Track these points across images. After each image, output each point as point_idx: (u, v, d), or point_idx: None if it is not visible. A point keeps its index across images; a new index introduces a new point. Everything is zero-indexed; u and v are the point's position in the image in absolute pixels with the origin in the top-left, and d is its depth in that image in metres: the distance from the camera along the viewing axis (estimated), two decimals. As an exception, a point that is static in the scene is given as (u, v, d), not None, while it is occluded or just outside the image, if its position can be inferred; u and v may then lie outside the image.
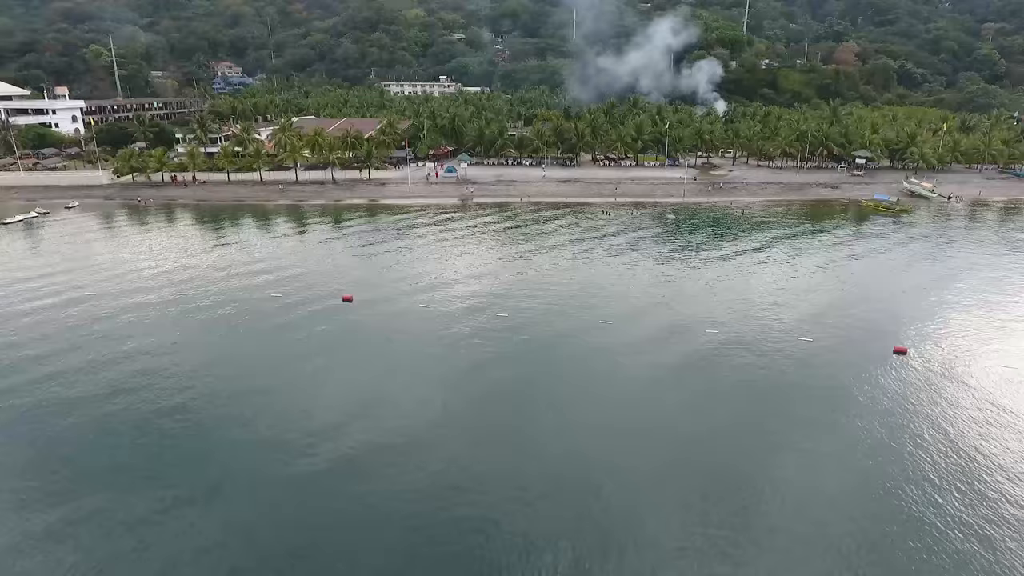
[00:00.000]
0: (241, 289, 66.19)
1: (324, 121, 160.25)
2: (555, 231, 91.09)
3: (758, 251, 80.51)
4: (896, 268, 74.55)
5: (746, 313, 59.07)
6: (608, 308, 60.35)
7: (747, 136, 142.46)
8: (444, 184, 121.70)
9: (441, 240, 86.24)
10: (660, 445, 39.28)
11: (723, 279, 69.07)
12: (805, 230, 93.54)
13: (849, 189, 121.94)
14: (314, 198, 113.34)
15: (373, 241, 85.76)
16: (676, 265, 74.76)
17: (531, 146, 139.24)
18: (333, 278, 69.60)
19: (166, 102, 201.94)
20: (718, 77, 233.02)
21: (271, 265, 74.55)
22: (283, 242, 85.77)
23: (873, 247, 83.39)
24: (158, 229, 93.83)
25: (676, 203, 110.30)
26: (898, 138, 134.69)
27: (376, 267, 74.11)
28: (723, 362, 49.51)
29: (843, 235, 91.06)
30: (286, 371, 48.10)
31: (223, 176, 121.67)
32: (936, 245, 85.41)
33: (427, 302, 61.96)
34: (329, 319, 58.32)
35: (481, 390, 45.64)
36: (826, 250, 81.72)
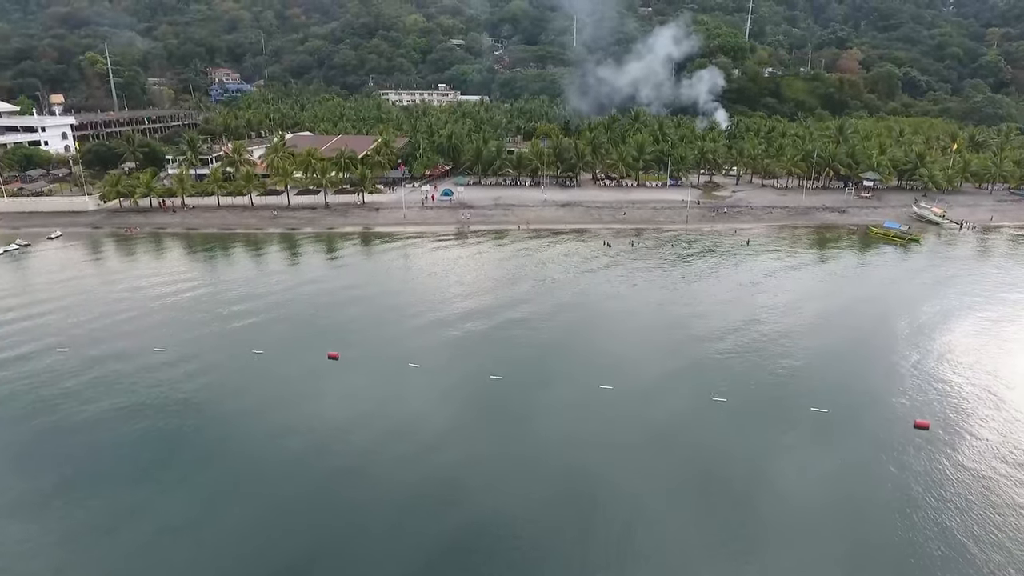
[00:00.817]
0: (222, 342, 62.81)
1: (319, 138, 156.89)
2: (552, 267, 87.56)
3: (763, 293, 76.85)
4: (913, 319, 69.35)
5: (754, 376, 55.61)
6: (609, 368, 56.96)
7: (751, 155, 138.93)
8: (440, 209, 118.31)
9: (434, 278, 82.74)
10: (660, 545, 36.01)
11: (728, 332, 65.15)
12: (812, 264, 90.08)
13: (857, 213, 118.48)
14: (306, 225, 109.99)
15: (364, 281, 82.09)
16: (674, 316, 70.96)
17: (530, 166, 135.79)
18: (320, 327, 66.31)
19: (159, 115, 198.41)
20: (720, 87, 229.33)
21: (256, 310, 71.12)
22: (271, 280, 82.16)
23: (885, 291, 78.75)
24: (141, 265, 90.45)
25: (678, 231, 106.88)
26: (906, 158, 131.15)
27: (365, 313, 70.58)
28: (732, 440, 46.15)
29: (852, 273, 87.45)
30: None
31: (213, 200, 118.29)
32: (954, 287, 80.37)
33: (415, 355, 58.57)
34: (313, 382, 54.96)
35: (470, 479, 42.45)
36: (836, 292, 77.93)
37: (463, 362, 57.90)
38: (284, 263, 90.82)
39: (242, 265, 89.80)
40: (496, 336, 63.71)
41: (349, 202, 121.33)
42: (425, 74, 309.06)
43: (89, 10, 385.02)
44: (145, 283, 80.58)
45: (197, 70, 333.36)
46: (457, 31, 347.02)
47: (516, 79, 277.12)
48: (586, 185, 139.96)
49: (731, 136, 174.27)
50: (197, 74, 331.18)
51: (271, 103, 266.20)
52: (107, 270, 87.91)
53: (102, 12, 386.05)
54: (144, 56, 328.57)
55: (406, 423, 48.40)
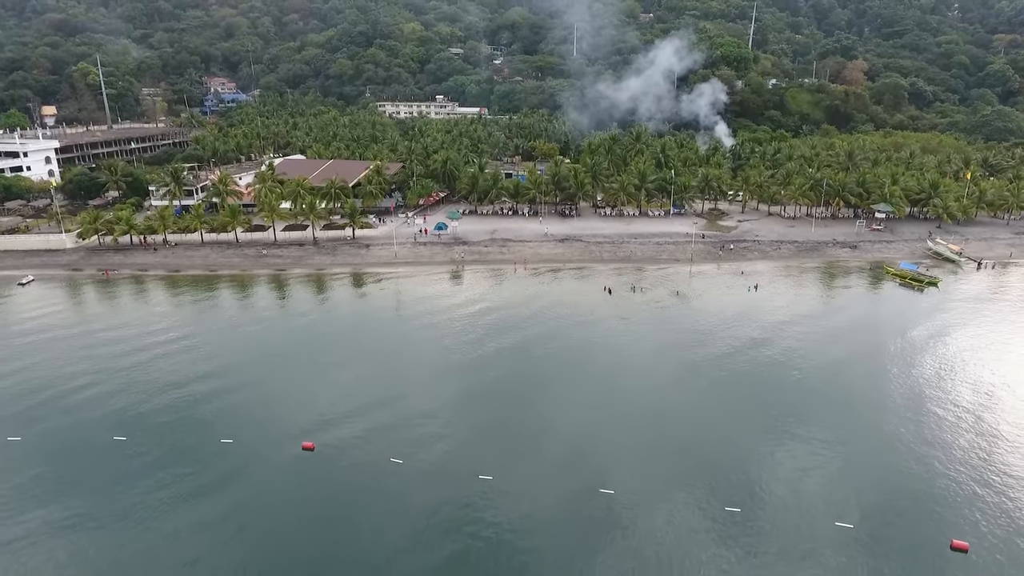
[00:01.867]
0: (190, 425, 57.80)
1: (310, 163, 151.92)
2: (548, 323, 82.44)
3: (772, 364, 71.42)
4: (944, 398, 62.89)
5: (770, 480, 50.47)
6: (608, 465, 51.94)
7: (757, 182, 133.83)
8: (433, 245, 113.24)
9: (421, 341, 77.50)
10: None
11: (737, 420, 59.91)
12: (824, 316, 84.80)
13: (869, 248, 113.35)
14: (293, 265, 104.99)
15: (345, 348, 76.26)
16: (675, 398, 65.95)
17: (527, 195, 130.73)
18: (297, 403, 61.30)
19: (149, 135, 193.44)
20: (722, 103, 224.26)
21: (230, 380, 66.05)
22: (249, 342, 76.79)
23: (911, 358, 72.51)
24: (113, 317, 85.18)
25: (682, 273, 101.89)
26: (919, 188, 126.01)
27: (344, 389, 64.69)
28: (748, 559, 41.15)
29: (870, 331, 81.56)
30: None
31: (197, 236, 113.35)
32: (985, 349, 74.36)
33: (398, 447, 53.56)
34: (282, 482, 49.98)
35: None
36: (855, 360, 72.09)
37: (449, 458, 52.74)
38: (265, 317, 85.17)
39: (221, 319, 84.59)
40: (486, 422, 58.33)
41: (338, 237, 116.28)
42: (423, 84, 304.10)
43: (85, 16, 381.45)
44: (114, 343, 75.62)
45: (192, 80, 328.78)
46: (455, 40, 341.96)
47: (515, 91, 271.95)
48: (586, 214, 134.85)
49: (736, 157, 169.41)
50: (192, 84, 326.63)
51: (265, 117, 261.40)
52: (75, 325, 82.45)
53: (97, 19, 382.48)
54: (138, 66, 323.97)
55: (381, 545, 43.40)
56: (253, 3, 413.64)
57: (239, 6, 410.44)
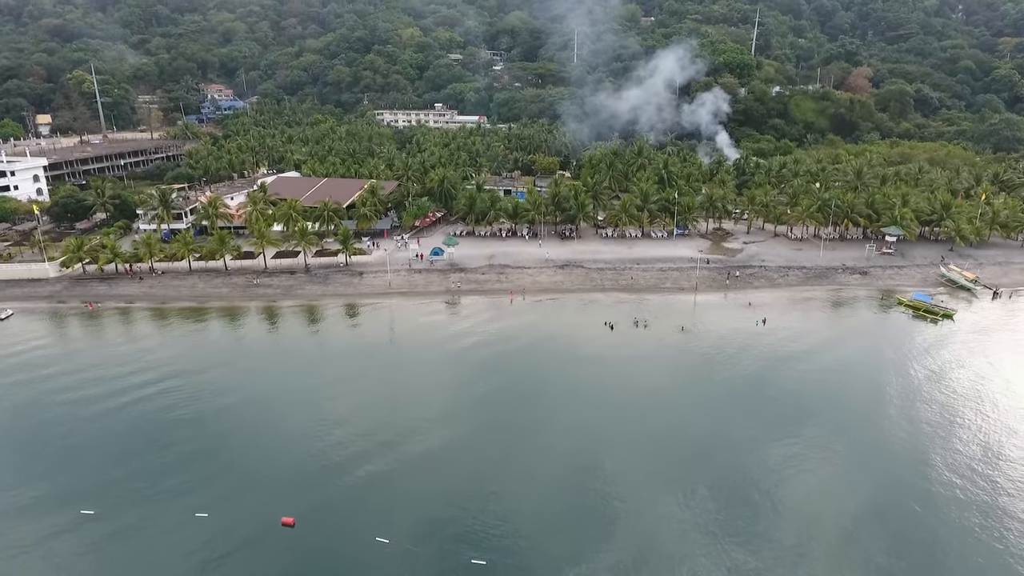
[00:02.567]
0: (162, 497, 54.09)
1: (304, 182, 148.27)
2: (545, 360, 78.95)
3: (787, 424, 67.71)
4: (978, 479, 57.15)
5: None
6: (614, 550, 48.31)
7: (763, 202, 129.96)
8: (428, 272, 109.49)
9: (411, 385, 74.02)
10: None
11: (755, 502, 56.53)
12: (837, 357, 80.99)
13: (880, 275, 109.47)
14: (284, 296, 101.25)
15: (332, 405, 71.99)
16: (692, 471, 62.25)
17: (526, 217, 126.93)
18: (277, 469, 57.64)
19: (141, 149, 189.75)
20: (724, 113, 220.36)
21: (209, 442, 62.30)
22: (234, 389, 72.84)
23: (932, 411, 68.79)
24: (92, 358, 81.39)
25: (686, 303, 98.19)
26: (931, 208, 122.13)
27: (327, 454, 60.36)
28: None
29: (886, 370, 78.14)
30: None
31: (184, 264, 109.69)
32: (1013, 397, 70.87)
33: (384, 525, 49.86)
34: (259, 565, 46.37)
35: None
36: (875, 412, 68.39)
37: (442, 539, 49.01)
38: (250, 360, 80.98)
39: (204, 361, 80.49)
40: (477, 495, 54.30)
41: (331, 264, 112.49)
42: (421, 92, 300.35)
43: (82, 22, 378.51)
44: (91, 384, 72.47)
45: (188, 87, 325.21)
46: (455, 45, 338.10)
47: (514, 99, 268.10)
48: (587, 235, 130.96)
49: (740, 172, 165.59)
50: (188, 91, 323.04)
51: (261, 127, 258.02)
52: (52, 364, 78.99)
53: (94, 24, 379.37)
54: (135, 73, 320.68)
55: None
56: (251, 8, 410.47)
57: (237, 11, 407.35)
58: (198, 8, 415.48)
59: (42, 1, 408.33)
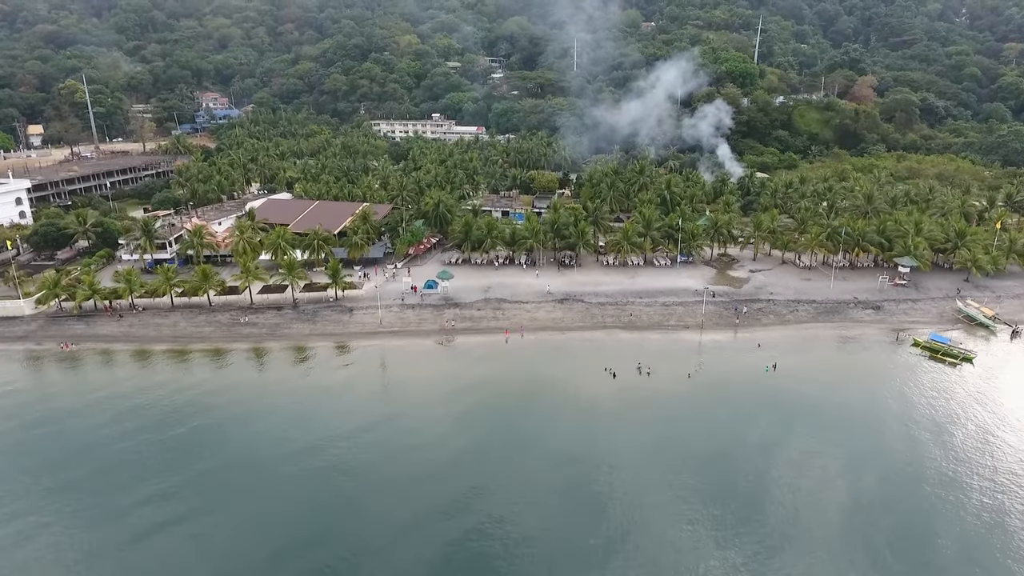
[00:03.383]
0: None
1: (294, 205, 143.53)
2: (541, 417, 74.34)
3: (805, 491, 63.17)
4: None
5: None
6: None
7: (770, 228, 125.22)
8: (422, 308, 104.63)
9: (393, 446, 69.33)
10: None
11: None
12: (853, 411, 76.35)
13: (894, 310, 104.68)
14: (271, 336, 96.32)
15: (309, 457, 68.07)
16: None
17: (524, 245, 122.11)
18: (245, 549, 53.03)
19: (129, 166, 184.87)
20: (726, 126, 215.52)
21: (179, 509, 57.76)
22: (198, 461, 67.35)
23: (942, 476, 65.21)
24: (62, 409, 76.82)
25: (692, 344, 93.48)
26: (945, 236, 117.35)
27: (304, 542, 56.30)
28: None
29: (908, 428, 73.47)
30: None
31: (166, 299, 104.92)
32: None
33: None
34: None
35: None
36: (905, 486, 64.17)
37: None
38: (221, 422, 75.09)
39: (178, 413, 75.87)
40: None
41: (320, 299, 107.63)
42: (418, 101, 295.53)
43: (76, 28, 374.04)
44: (49, 441, 68.72)
45: (183, 95, 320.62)
46: (453, 52, 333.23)
47: (513, 109, 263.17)
48: (588, 263, 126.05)
49: (744, 191, 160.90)
50: (183, 100, 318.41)
51: (256, 138, 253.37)
52: (20, 417, 74.47)
53: (89, 30, 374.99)
54: (128, 81, 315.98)
55: None
56: (247, 13, 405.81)
57: (233, 16, 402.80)
58: (194, 13, 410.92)
59: (37, 7, 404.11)
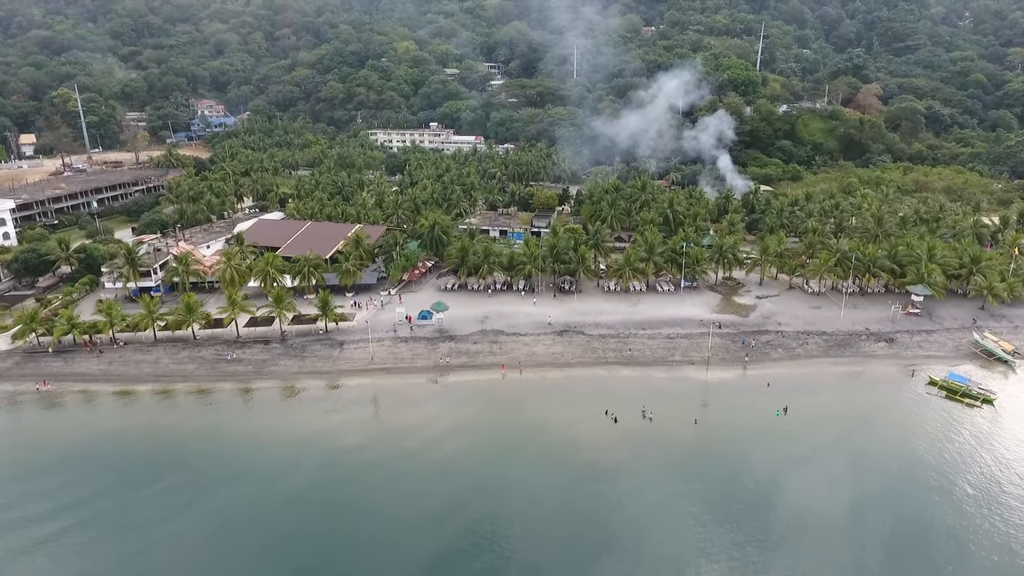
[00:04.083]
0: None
1: (285, 226, 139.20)
2: (537, 471, 70.17)
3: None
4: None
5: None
6: None
7: (776, 251, 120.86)
8: (415, 341, 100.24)
9: (372, 509, 65.13)
10: None
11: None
12: (872, 463, 72.17)
13: (908, 343, 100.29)
14: (256, 375, 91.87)
15: (285, 523, 64.15)
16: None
17: (523, 271, 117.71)
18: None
19: (118, 182, 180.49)
20: (729, 138, 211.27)
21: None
22: (186, 532, 63.59)
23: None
24: (24, 462, 72.72)
25: (698, 382, 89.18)
26: (959, 262, 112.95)
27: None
28: None
29: (932, 481, 69.33)
30: None
31: (149, 332, 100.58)
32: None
33: None
34: None
35: None
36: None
37: None
38: (206, 471, 71.38)
39: (154, 466, 71.92)
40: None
41: (309, 332, 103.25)
42: (416, 110, 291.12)
43: (72, 33, 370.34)
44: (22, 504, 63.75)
45: (178, 103, 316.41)
46: (451, 59, 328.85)
47: (512, 119, 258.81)
48: (588, 289, 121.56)
49: (749, 209, 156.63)
50: (178, 107, 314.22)
51: (251, 148, 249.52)
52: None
53: (84, 35, 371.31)
54: (122, 89, 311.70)
55: None
56: (244, 18, 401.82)
57: (230, 21, 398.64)
58: (190, 18, 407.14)
59: (31, 12, 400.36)
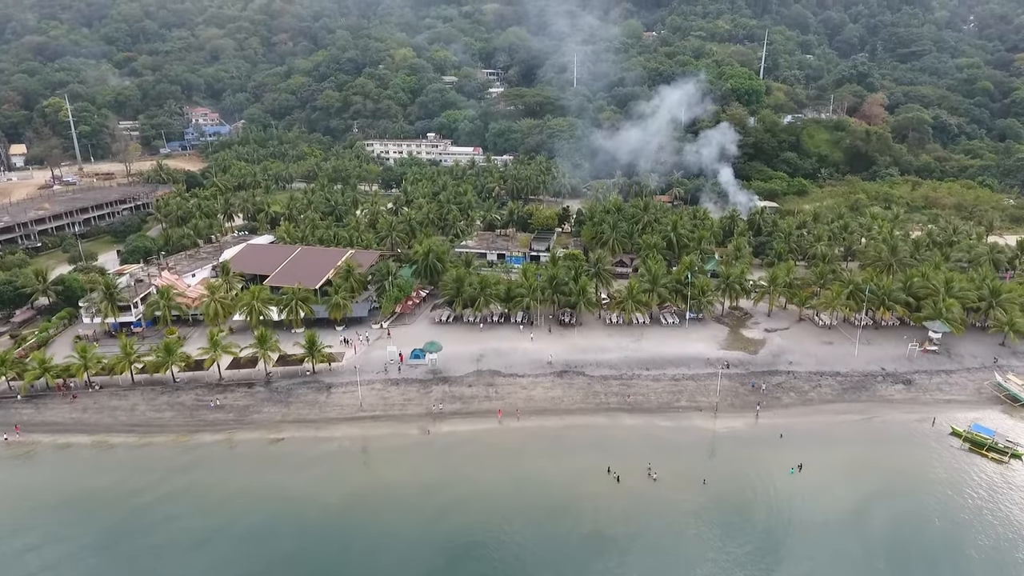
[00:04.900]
0: None
1: (275, 252, 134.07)
2: (531, 543, 64.95)
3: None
4: None
5: None
6: None
7: (785, 281, 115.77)
8: (407, 385, 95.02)
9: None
10: None
11: None
12: (896, 531, 67.11)
13: (926, 384, 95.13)
14: (238, 424, 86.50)
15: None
16: None
17: (520, 304, 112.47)
18: None
19: (106, 201, 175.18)
20: (732, 155, 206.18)
21: None
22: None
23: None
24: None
25: (706, 433, 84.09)
26: (978, 295, 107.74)
27: None
28: None
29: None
30: None
31: (127, 375, 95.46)
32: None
33: None
34: None
35: None
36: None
37: None
38: (175, 541, 66.32)
39: (121, 536, 66.77)
40: None
41: (295, 373, 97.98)
42: (413, 119, 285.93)
43: (66, 39, 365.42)
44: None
45: (172, 111, 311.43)
46: (450, 65, 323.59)
47: (511, 130, 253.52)
48: (589, 321, 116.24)
49: (756, 231, 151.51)
50: (171, 116, 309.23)
51: (245, 160, 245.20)
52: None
53: (79, 41, 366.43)
54: (116, 97, 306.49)
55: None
56: (241, 23, 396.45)
57: (226, 26, 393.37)
58: (186, 23, 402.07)
59: (26, 17, 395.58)
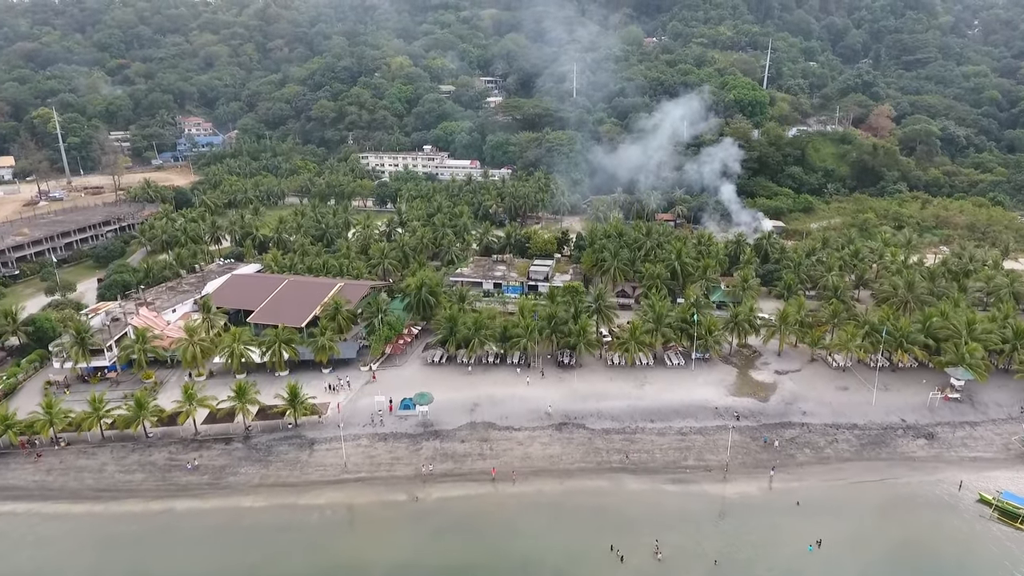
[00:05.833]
0: None
1: (260, 283, 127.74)
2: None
3: None
4: None
5: None
6: None
7: (796, 319, 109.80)
8: (395, 440, 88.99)
9: None
10: None
11: None
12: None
13: (949, 438, 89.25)
14: (212, 488, 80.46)
15: None
16: None
17: (517, 345, 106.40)
18: None
19: (89, 224, 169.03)
20: (735, 173, 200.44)
21: None
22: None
23: None
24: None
25: (715, 499, 78.13)
26: (1002, 337, 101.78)
27: None
28: None
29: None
30: None
31: (96, 431, 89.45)
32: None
33: None
34: None
35: None
36: None
37: None
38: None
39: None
40: None
41: (276, 427, 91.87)
42: (409, 130, 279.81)
43: (59, 45, 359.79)
44: None
45: (164, 121, 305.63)
46: (447, 74, 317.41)
47: (509, 143, 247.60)
48: (589, 362, 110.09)
49: (763, 257, 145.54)
50: (164, 126, 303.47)
51: (237, 174, 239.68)
52: None
53: (72, 47, 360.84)
54: (107, 107, 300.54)
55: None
56: (236, 29, 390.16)
57: (221, 32, 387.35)
58: (180, 29, 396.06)
59: (18, 23, 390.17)
